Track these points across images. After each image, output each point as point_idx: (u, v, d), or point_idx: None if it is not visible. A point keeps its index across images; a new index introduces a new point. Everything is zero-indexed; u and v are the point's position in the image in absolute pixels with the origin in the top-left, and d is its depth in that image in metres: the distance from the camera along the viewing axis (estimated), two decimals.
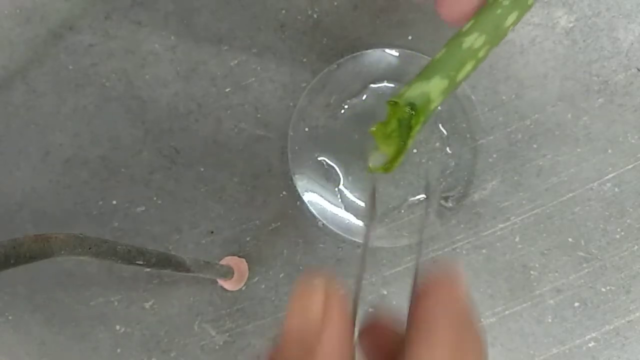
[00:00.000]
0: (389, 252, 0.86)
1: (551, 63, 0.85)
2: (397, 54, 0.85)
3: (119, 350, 0.90)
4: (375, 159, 0.26)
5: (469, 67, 0.25)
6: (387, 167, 0.26)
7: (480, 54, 0.25)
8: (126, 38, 0.87)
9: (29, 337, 0.92)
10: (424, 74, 0.25)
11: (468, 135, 0.85)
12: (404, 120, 0.24)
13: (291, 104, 0.86)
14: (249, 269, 0.87)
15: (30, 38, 0.88)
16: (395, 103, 0.25)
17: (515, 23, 0.25)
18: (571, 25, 0.84)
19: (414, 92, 0.25)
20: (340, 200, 0.85)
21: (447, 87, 0.26)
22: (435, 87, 0.26)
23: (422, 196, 0.85)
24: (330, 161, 0.85)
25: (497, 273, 0.87)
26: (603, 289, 0.87)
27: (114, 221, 0.89)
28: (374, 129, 0.27)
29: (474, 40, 0.24)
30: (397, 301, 0.86)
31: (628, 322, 0.87)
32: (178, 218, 0.88)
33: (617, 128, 0.85)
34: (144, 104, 0.88)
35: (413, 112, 0.24)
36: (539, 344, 0.87)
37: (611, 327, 0.87)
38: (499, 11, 0.25)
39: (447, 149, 0.85)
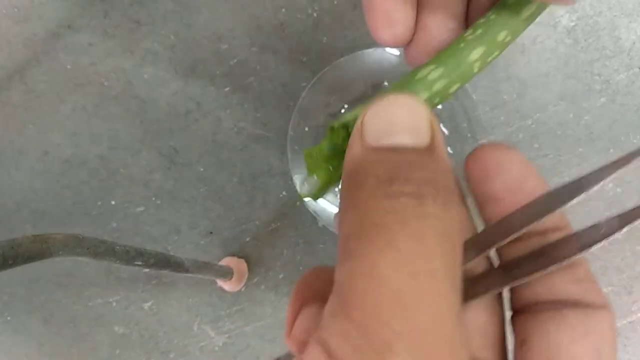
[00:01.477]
0: None
1: (553, 62, 0.84)
2: (397, 53, 0.84)
3: (117, 351, 0.90)
4: (308, 184, 0.24)
5: (421, 97, 0.23)
6: (315, 194, 0.24)
7: (437, 86, 0.23)
8: (125, 37, 0.87)
9: (28, 338, 0.92)
10: (368, 100, 0.24)
11: (469, 135, 0.85)
12: (337, 145, 0.23)
13: (291, 103, 0.86)
14: (249, 269, 0.87)
15: (29, 37, 0.88)
16: (332, 127, 0.23)
17: (482, 59, 0.24)
18: (573, 24, 0.84)
19: (352, 115, 0.23)
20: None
21: None
22: None
23: None
24: None
25: None
26: (605, 290, 0.86)
27: (112, 221, 0.89)
28: (306, 151, 0.25)
29: (428, 72, 0.23)
30: None
31: (630, 322, 0.87)
32: (177, 218, 0.88)
33: (619, 128, 0.85)
34: (143, 104, 0.87)
35: (346, 135, 0.22)
36: None
37: None
38: (461, 45, 0.23)
39: (448, 148, 0.85)
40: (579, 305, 0.18)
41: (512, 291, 0.20)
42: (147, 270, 0.71)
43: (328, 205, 0.85)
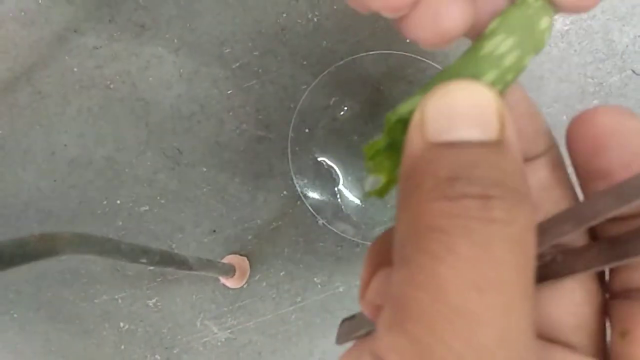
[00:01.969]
0: None
1: (547, 65, 0.85)
2: (396, 56, 0.85)
3: (122, 347, 0.91)
4: (370, 183, 0.22)
5: (490, 76, 0.19)
6: (380, 191, 0.22)
7: (507, 61, 0.19)
8: (130, 41, 0.88)
9: (34, 335, 0.93)
10: (427, 85, 0.20)
11: None
12: (397, 140, 0.20)
13: (292, 105, 0.87)
14: (251, 267, 0.88)
15: (35, 40, 0.89)
16: (389, 121, 0.21)
17: (549, 30, 0.20)
18: (566, 28, 0.85)
19: (409, 105, 0.20)
20: (340, 200, 0.86)
21: None
22: None
23: None
24: (330, 161, 0.86)
25: None
26: None
27: (118, 220, 0.90)
28: (365, 147, 0.22)
29: (498, 43, 0.19)
30: None
31: None
32: (181, 217, 0.89)
33: None
34: (147, 106, 0.88)
35: (405, 128, 0.18)
36: None
37: None
38: (529, 10, 0.19)
39: None
40: None
41: (613, 272, 0.17)
42: (152, 267, 0.72)
43: (328, 205, 0.86)
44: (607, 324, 0.18)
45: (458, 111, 0.15)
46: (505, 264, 0.13)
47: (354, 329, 0.21)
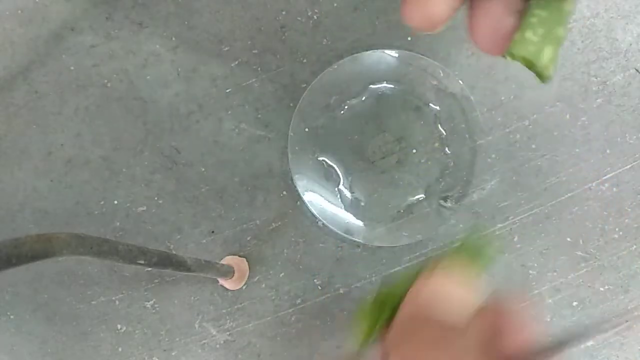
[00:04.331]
0: (389, 252, 0.87)
1: None
2: (396, 54, 0.85)
3: (120, 349, 0.91)
4: (356, 337, 0.27)
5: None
6: (361, 344, 0.26)
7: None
8: (127, 39, 0.88)
9: (31, 336, 0.93)
10: (408, 275, 0.28)
11: (467, 136, 0.85)
12: (377, 307, 0.26)
13: (291, 104, 0.87)
14: (250, 268, 0.88)
15: (32, 39, 0.89)
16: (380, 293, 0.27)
17: (553, 60, 0.21)
18: (569, 26, 0.85)
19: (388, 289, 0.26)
20: (340, 200, 0.86)
21: None
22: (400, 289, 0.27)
23: (421, 196, 0.86)
24: (330, 161, 0.86)
25: (496, 272, 0.87)
26: (601, 289, 0.87)
27: (115, 221, 0.89)
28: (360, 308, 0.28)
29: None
30: None
31: (625, 321, 0.87)
32: (179, 218, 0.89)
33: (616, 128, 0.86)
34: (145, 105, 0.88)
35: (384, 305, 0.25)
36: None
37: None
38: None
39: (446, 149, 0.86)
40: None
41: None
42: (149, 269, 0.71)
43: (328, 205, 0.86)
44: None
45: None
46: None
47: None
